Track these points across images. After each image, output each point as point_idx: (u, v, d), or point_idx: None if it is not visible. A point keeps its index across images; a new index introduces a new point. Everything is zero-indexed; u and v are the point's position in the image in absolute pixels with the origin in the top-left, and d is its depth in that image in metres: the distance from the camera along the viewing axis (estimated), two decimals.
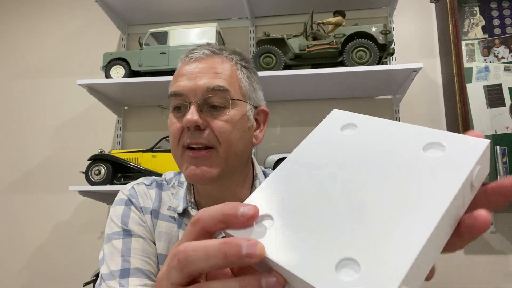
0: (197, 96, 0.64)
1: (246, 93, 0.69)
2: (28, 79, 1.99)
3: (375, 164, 0.28)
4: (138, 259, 0.66)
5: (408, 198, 0.25)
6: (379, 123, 0.32)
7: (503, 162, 1.55)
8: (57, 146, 1.90)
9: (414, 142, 0.29)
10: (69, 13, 2.03)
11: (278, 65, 1.52)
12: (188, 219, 0.70)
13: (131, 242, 0.67)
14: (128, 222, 0.70)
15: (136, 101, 1.81)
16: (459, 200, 0.25)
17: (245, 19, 1.86)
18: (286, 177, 0.31)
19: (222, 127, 0.64)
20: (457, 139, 0.27)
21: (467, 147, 0.27)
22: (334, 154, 0.31)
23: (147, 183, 0.76)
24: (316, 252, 0.24)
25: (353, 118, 0.34)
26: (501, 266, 1.53)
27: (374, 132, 0.31)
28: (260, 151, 1.75)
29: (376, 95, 1.73)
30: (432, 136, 0.28)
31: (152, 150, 1.54)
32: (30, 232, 1.80)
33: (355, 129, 0.33)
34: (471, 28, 1.67)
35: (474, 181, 0.26)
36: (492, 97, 1.60)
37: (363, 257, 0.23)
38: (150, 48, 1.61)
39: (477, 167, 0.26)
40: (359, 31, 1.48)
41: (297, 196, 0.28)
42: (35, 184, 1.87)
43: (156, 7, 1.80)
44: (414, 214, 0.24)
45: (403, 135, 0.30)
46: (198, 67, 0.66)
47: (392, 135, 0.30)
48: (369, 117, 0.33)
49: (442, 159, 0.26)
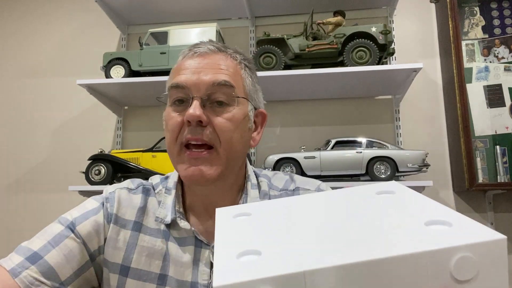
0: (201, 91, 0.61)
1: (249, 93, 0.67)
2: (28, 79, 1.99)
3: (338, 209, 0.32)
4: (58, 256, 0.60)
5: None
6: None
7: (503, 162, 1.55)
8: (57, 146, 1.90)
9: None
10: (69, 13, 2.03)
11: (278, 65, 1.52)
12: (176, 230, 0.65)
13: (67, 237, 0.62)
14: (82, 221, 0.65)
15: (136, 101, 1.81)
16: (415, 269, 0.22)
17: (245, 19, 1.86)
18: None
19: (225, 125, 0.61)
20: (462, 219, 0.26)
21: (469, 229, 0.24)
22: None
23: (133, 187, 0.71)
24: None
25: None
26: None
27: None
28: (260, 151, 1.75)
29: (376, 95, 1.73)
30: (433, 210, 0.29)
31: (152, 150, 1.54)
32: (30, 232, 1.80)
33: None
34: (471, 28, 1.67)
35: (453, 271, 0.22)
36: (492, 97, 1.60)
37: (267, 249, 0.26)
38: (150, 48, 1.61)
39: (462, 254, 0.22)
40: (359, 31, 1.48)
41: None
42: (35, 184, 1.87)
43: (156, 7, 1.80)
44: (356, 244, 0.25)
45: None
46: (203, 62, 0.64)
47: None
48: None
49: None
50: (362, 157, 1.41)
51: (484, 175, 1.55)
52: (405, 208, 0.29)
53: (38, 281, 0.58)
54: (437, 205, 0.29)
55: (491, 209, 1.55)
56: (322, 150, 1.45)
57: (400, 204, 0.30)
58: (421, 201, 0.30)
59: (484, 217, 1.56)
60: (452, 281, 0.22)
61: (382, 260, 0.22)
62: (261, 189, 0.70)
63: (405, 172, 1.41)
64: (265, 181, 0.72)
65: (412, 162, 1.40)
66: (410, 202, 0.30)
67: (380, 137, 1.63)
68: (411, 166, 1.39)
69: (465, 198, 1.60)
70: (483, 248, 0.22)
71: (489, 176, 1.55)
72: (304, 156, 1.44)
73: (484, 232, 0.23)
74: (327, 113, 1.75)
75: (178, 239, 0.65)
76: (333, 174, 1.43)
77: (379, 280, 0.22)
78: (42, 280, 0.58)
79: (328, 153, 1.44)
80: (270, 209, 0.34)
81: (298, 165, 1.44)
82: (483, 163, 1.56)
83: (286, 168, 1.45)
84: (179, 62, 0.67)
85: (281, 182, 0.72)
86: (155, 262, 0.64)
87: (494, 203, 1.56)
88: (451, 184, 1.62)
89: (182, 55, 0.68)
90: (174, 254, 0.64)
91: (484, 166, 1.56)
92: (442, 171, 1.64)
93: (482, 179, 1.54)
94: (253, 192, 0.68)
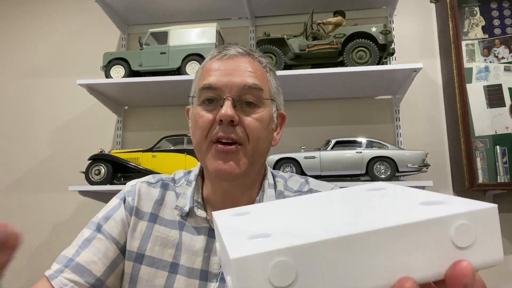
0: (232, 92, 0.64)
1: (274, 95, 0.72)
2: (28, 79, 1.99)
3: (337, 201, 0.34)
4: (88, 255, 0.66)
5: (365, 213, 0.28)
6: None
7: (503, 162, 1.55)
8: (57, 146, 1.90)
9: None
10: (69, 13, 2.03)
11: (278, 65, 1.52)
12: (193, 219, 0.69)
13: (95, 238, 0.68)
14: (107, 220, 0.70)
15: (136, 101, 1.81)
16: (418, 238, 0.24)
17: (245, 19, 1.86)
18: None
19: (254, 124, 0.65)
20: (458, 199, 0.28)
21: (463, 203, 0.27)
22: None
23: (153, 181, 0.75)
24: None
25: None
26: (501, 266, 1.53)
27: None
28: None
29: (376, 95, 1.73)
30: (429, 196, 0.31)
31: (152, 150, 1.54)
32: (30, 232, 1.80)
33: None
34: (471, 28, 1.67)
35: (455, 238, 0.24)
36: (492, 97, 1.60)
37: (276, 231, 0.26)
38: (150, 48, 1.61)
39: (460, 221, 0.24)
40: (359, 31, 1.48)
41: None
42: (35, 184, 1.87)
43: (156, 7, 1.80)
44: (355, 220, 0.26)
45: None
46: (232, 64, 0.67)
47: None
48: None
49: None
50: (362, 157, 1.41)
51: (484, 175, 1.55)
52: (399, 196, 0.31)
53: (72, 281, 0.64)
54: (430, 192, 0.31)
55: None
56: (322, 150, 1.45)
57: (394, 193, 0.32)
58: (414, 190, 0.32)
59: None
60: (454, 248, 0.24)
61: (394, 228, 0.24)
62: (277, 188, 0.73)
63: (405, 172, 1.41)
64: (282, 182, 0.75)
65: (412, 162, 1.40)
66: (403, 191, 0.32)
67: (380, 137, 1.63)
68: (411, 166, 1.39)
69: None
70: (478, 215, 0.25)
71: (489, 176, 1.55)
72: (304, 156, 1.44)
73: (478, 203, 0.26)
74: (327, 113, 1.75)
75: (193, 228, 0.69)
76: (333, 174, 1.43)
77: (389, 247, 0.24)
78: (76, 279, 0.64)
79: (328, 153, 1.44)
80: (268, 207, 0.35)
81: (298, 165, 1.44)
82: (483, 163, 1.56)
83: (286, 168, 1.45)
84: (207, 63, 0.70)
85: (296, 184, 0.76)
86: (168, 251, 0.68)
87: (494, 203, 1.56)
88: (451, 184, 1.62)
89: (210, 56, 0.71)
90: (187, 243, 0.68)
91: (484, 166, 1.56)
92: (442, 171, 1.64)
93: (482, 179, 1.54)
94: (269, 191, 0.72)
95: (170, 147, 1.54)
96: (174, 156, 1.50)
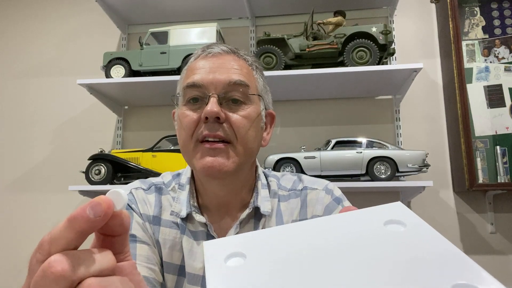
0: (218, 89, 0.62)
1: (261, 93, 0.69)
2: (28, 79, 1.99)
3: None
4: (143, 267, 0.62)
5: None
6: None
7: (503, 162, 1.55)
8: (57, 146, 1.90)
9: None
10: (70, 13, 2.03)
11: (278, 65, 1.52)
12: (192, 224, 0.68)
13: (136, 248, 0.64)
14: (131, 228, 0.66)
15: (136, 101, 1.81)
16: None
17: (246, 19, 1.86)
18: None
19: (241, 121, 0.63)
20: None
21: None
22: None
23: (145, 187, 0.72)
24: None
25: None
26: (501, 266, 1.53)
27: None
28: (260, 151, 1.74)
29: (376, 95, 1.73)
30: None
31: (152, 150, 1.54)
32: (30, 232, 1.80)
33: None
34: (471, 28, 1.67)
35: None
36: (492, 97, 1.60)
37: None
38: (150, 48, 1.61)
39: None
40: (359, 31, 1.48)
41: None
42: (35, 184, 1.87)
43: (156, 7, 1.80)
44: None
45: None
46: (217, 62, 0.65)
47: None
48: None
49: None
50: (362, 157, 1.41)
51: (484, 176, 1.55)
52: (418, 247, 0.27)
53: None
54: (461, 257, 0.26)
55: (491, 209, 1.55)
56: (322, 150, 1.45)
57: (411, 242, 0.27)
58: (435, 239, 0.27)
59: (484, 217, 1.56)
60: None
61: None
62: (271, 188, 0.72)
63: (405, 172, 1.41)
64: (275, 181, 0.73)
65: (412, 162, 1.40)
66: (421, 241, 0.28)
67: (380, 137, 1.63)
68: (411, 166, 1.39)
69: (465, 199, 1.60)
70: None
71: (489, 176, 1.55)
72: (304, 156, 1.44)
73: None
74: (327, 113, 1.75)
75: (192, 233, 0.68)
76: (333, 174, 1.43)
77: None
78: (150, 266, 0.63)
79: (328, 153, 1.44)
80: (265, 247, 0.30)
81: (298, 165, 1.44)
82: (483, 163, 1.56)
83: (286, 168, 1.45)
84: (191, 63, 0.68)
85: (289, 182, 0.74)
86: (176, 254, 0.67)
87: (494, 203, 1.56)
88: (451, 184, 1.62)
89: (194, 56, 0.69)
90: (188, 248, 0.67)
91: (484, 166, 1.56)
92: (442, 171, 1.64)
93: (482, 180, 1.54)
94: (263, 191, 0.70)
95: (170, 147, 1.54)
96: (174, 156, 1.50)
